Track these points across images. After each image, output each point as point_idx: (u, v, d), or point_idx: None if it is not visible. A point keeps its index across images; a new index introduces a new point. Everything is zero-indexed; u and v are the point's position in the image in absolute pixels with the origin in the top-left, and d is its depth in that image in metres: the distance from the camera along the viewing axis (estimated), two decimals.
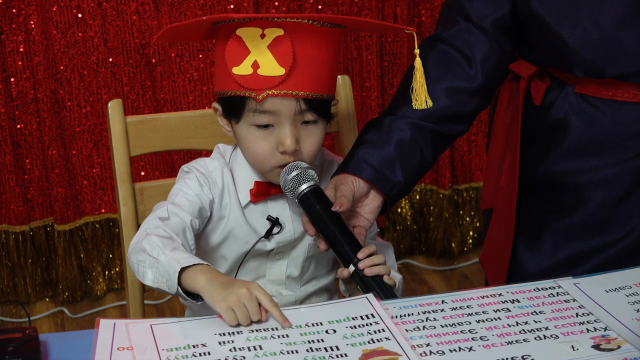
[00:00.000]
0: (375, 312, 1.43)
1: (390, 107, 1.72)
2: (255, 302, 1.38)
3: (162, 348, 1.34)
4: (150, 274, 1.46)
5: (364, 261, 1.52)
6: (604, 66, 1.63)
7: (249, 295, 1.38)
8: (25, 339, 1.36)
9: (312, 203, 1.56)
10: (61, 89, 2.99)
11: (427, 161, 1.70)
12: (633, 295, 1.47)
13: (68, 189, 3.09)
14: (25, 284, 3.16)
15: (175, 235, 1.53)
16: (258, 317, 1.38)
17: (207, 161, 1.68)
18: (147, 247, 1.48)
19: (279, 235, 1.67)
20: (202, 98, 3.08)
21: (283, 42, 1.51)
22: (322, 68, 1.56)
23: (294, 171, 1.56)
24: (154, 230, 1.52)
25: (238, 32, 1.53)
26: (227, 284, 1.39)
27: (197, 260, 1.44)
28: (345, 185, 1.59)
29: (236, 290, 1.38)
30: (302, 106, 1.55)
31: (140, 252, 1.49)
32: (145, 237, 1.50)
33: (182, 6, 2.99)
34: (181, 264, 1.42)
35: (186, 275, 1.42)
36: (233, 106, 1.59)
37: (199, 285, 1.40)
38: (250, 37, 1.52)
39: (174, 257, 1.44)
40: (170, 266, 1.43)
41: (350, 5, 3.11)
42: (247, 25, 1.52)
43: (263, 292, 1.39)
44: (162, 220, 1.55)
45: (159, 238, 1.48)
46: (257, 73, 1.52)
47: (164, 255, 1.45)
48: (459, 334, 1.38)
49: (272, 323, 1.40)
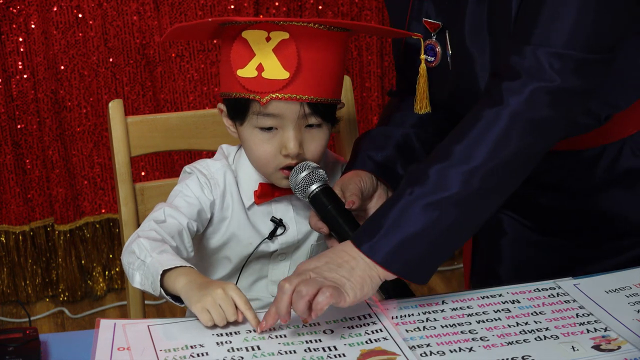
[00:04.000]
0: (373, 312, 1.43)
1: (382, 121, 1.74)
2: (231, 303, 1.38)
3: (160, 349, 1.34)
4: (138, 276, 1.48)
5: None
6: None
7: (224, 296, 1.38)
8: (26, 339, 1.36)
9: (324, 202, 1.56)
10: (61, 89, 2.99)
11: None
12: (633, 296, 1.47)
13: (68, 189, 3.09)
14: (25, 284, 3.16)
15: (171, 238, 1.54)
16: (234, 318, 1.38)
17: (210, 162, 1.68)
18: (136, 250, 1.49)
19: (282, 237, 1.67)
20: (203, 98, 3.08)
21: (288, 45, 1.51)
22: (327, 72, 1.55)
23: (304, 171, 1.56)
24: (146, 232, 1.53)
25: (244, 34, 1.53)
26: (204, 285, 1.40)
27: (180, 263, 1.44)
28: (352, 184, 1.60)
29: (211, 291, 1.38)
30: (306, 110, 1.55)
31: (130, 254, 1.51)
32: (135, 239, 1.51)
33: (182, 6, 3.00)
34: (164, 266, 1.43)
35: (168, 277, 1.43)
36: (237, 108, 1.59)
37: (179, 288, 1.41)
38: (256, 40, 1.52)
39: (159, 259, 1.45)
40: (155, 268, 1.44)
41: (351, 5, 3.11)
42: (252, 27, 1.52)
43: (238, 293, 1.39)
44: (158, 223, 1.56)
45: (147, 240, 1.50)
46: (262, 76, 1.52)
47: (151, 258, 1.46)
48: (459, 335, 1.38)
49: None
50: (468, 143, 1.41)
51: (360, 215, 1.62)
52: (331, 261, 1.40)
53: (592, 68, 1.42)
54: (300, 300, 1.33)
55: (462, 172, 1.40)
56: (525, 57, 1.41)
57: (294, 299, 1.34)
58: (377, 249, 1.39)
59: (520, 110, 1.40)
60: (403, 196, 1.41)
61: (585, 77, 1.42)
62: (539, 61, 1.40)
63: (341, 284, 1.36)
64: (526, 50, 1.41)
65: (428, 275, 1.43)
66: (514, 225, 1.76)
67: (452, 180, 1.40)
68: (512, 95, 1.41)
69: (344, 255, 1.40)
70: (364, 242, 1.40)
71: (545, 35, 1.41)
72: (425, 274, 1.42)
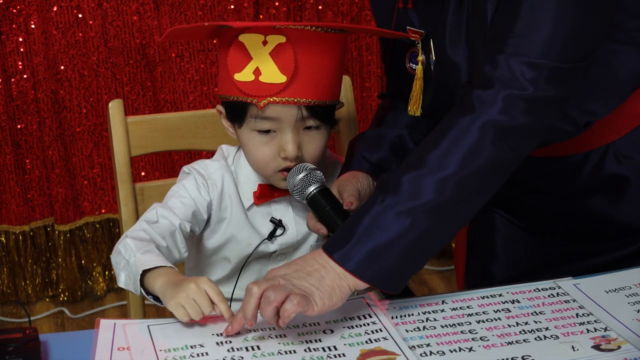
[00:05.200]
0: (373, 312, 1.43)
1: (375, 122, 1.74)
2: (205, 296, 1.38)
3: (160, 349, 1.34)
4: (123, 276, 1.49)
5: None
6: None
7: (197, 290, 1.38)
8: (26, 339, 1.36)
9: (322, 204, 1.56)
10: (61, 89, 2.99)
11: None
12: (633, 296, 1.47)
13: (68, 189, 3.09)
14: (25, 284, 3.16)
15: (162, 239, 1.55)
16: (209, 310, 1.38)
17: (208, 163, 1.68)
18: (122, 250, 1.50)
19: (282, 237, 1.67)
20: (203, 98, 3.08)
21: (285, 49, 1.51)
22: (324, 74, 1.55)
23: (301, 173, 1.56)
24: (135, 232, 1.54)
25: (240, 37, 1.53)
26: (178, 283, 1.40)
27: (160, 263, 1.45)
28: (350, 185, 1.60)
29: (185, 286, 1.38)
30: (303, 113, 1.55)
31: (117, 255, 1.52)
32: (123, 239, 1.52)
33: (182, 6, 3.00)
34: (144, 266, 1.44)
35: (148, 277, 1.44)
36: (235, 111, 1.59)
37: (157, 288, 1.42)
38: (252, 43, 1.52)
39: (141, 259, 1.46)
40: (136, 268, 1.45)
41: (351, 5, 3.11)
42: (249, 31, 1.52)
43: (211, 286, 1.39)
44: (150, 224, 1.57)
45: (133, 241, 1.50)
46: (259, 80, 1.52)
47: (134, 258, 1.47)
48: (459, 335, 1.38)
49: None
50: (441, 151, 1.40)
51: None
52: (301, 269, 1.38)
53: (567, 76, 1.41)
54: (268, 306, 1.32)
55: (435, 180, 1.38)
56: (498, 65, 1.39)
57: (262, 304, 1.33)
58: (348, 257, 1.37)
59: (493, 119, 1.39)
60: (375, 204, 1.39)
61: (559, 85, 1.40)
62: (512, 70, 1.39)
63: (310, 293, 1.35)
64: (499, 59, 1.39)
65: (400, 284, 1.41)
66: (507, 224, 1.76)
67: (425, 188, 1.38)
68: (484, 104, 1.39)
69: (314, 264, 1.39)
70: (336, 250, 1.38)
71: (519, 45, 1.39)
72: (398, 283, 1.41)
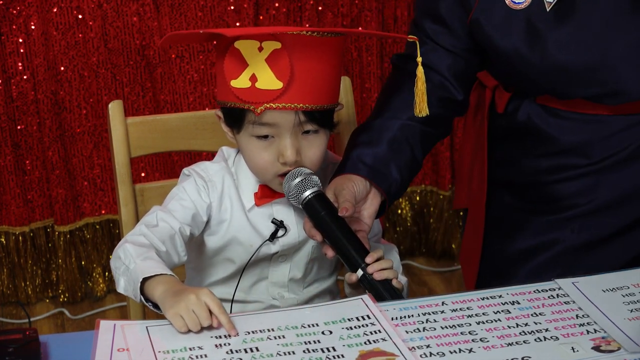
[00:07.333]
0: (371, 313, 1.43)
1: (377, 111, 1.74)
2: (204, 307, 1.38)
3: (159, 350, 1.34)
4: (123, 281, 1.49)
5: (372, 265, 1.52)
6: (563, 91, 1.70)
7: (197, 301, 1.38)
8: (26, 340, 1.36)
9: (317, 209, 1.56)
10: (61, 90, 2.99)
11: (417, 160, 1.72)
12: (629, 296, 1.47)
13: (68, 190, 3.09)
14: (25, 285, 3.16)
15: (161, 243, 1.54)
16: (208, 322, 1.37)
17: (209, 165, 1.68)
18: (122, 255, 1.50)
19: (283, 238, 1.67)
20: (203, 99, 3.08)
21: (281, 55, 1.50)
22: (322, 79, 1.55)
23: (297, 177, 1.56)
24: (134, 237, 1.54)
25: (236, 44, 1.52)
26: (178, 292, 1.40)
27: (160, 271, 1.44)
28: (346, 189, 1.60)
29: (184, 297, 1.38)
30: (301, 118, 1.55)
31: (116, 259, 1.52)
32: (122, 244, 1.52)
33: (182, 7, 3.00)
34: (144, 273, 1.44)
35: (148, 285, 1.44)
36: (233, 117, 1.60)
37: (156, 296, 1.42)
38: (248, 50, 1.52)
39: (141, 266, 1.46)
40: (136, 275, 1.45)
41: (351, 6, 3.11)
42: (245, 38, 1.52)
43: (212, 298, 1.39)
44: (150, 227, 1.57)
45: (133, 246, 1.50)
46: (255, 86, 1.52)
47: (134, 264, 1.47)
48: (459, 336, 1.38)
49: (268, 324, 1.40)
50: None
51: (353, 218, 1.62)
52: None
53: None
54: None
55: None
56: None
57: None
58: None
59: None
60: None
61: None
62: None
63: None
64: None
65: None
66: None
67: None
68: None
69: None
70: None
71: None
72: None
